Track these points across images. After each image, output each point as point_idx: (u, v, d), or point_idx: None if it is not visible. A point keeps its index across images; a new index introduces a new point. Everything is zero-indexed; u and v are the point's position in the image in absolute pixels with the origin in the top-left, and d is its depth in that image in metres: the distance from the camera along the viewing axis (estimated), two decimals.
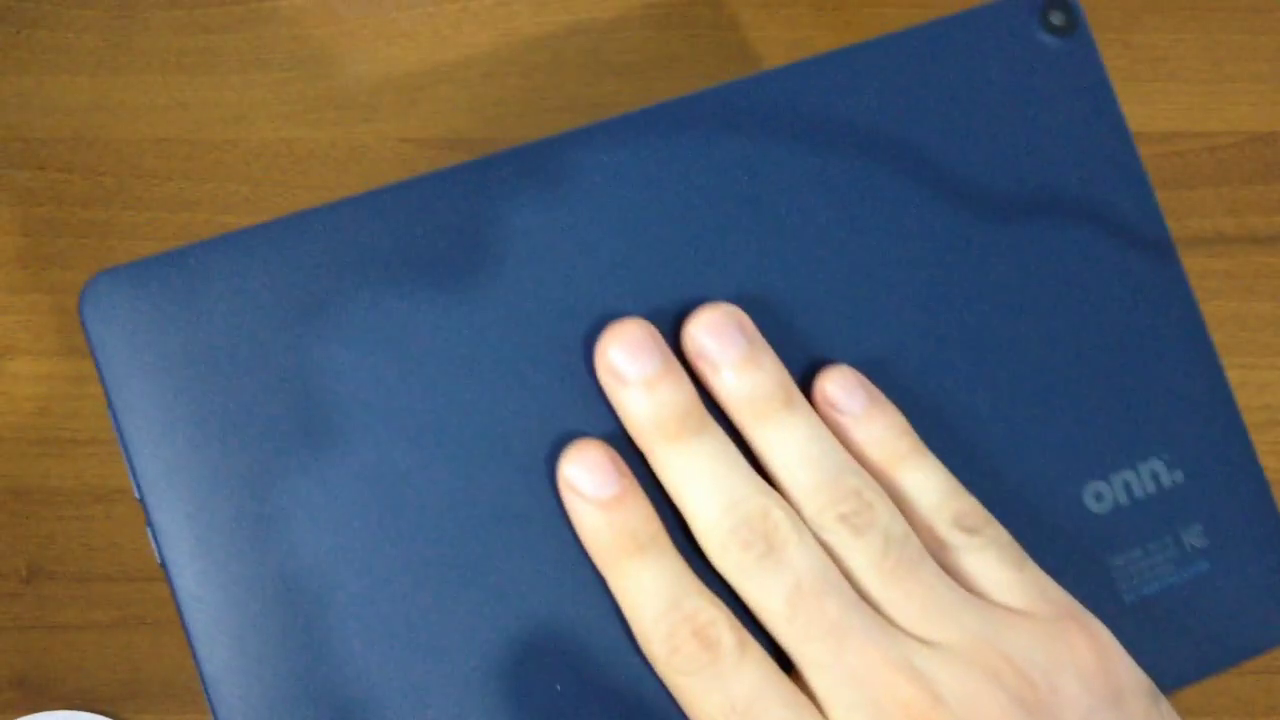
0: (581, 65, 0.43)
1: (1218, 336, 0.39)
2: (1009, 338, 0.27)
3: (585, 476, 0.25)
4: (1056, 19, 0.28)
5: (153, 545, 0.24)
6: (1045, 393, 0.27)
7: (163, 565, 0.23)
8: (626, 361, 0.25)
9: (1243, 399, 0.39)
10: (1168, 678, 0.27)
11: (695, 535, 0.25)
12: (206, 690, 0.23)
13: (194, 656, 0.23)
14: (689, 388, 0.25)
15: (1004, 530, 0.26)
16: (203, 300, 0.24)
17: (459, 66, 0.43)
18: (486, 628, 0.25)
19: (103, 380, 0.23)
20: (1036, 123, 0.28)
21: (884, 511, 0.25)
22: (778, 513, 0.24)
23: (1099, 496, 0.27)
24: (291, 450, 0.24)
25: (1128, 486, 0.28)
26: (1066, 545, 0.27)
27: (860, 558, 0.25)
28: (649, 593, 0.24)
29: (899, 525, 0.25)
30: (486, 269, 0.26)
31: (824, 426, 0.26)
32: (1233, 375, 0.39)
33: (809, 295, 0.27)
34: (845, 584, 0.24)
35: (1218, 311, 0.40)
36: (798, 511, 0.25)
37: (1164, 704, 0.25)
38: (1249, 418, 0.39)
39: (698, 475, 0.25)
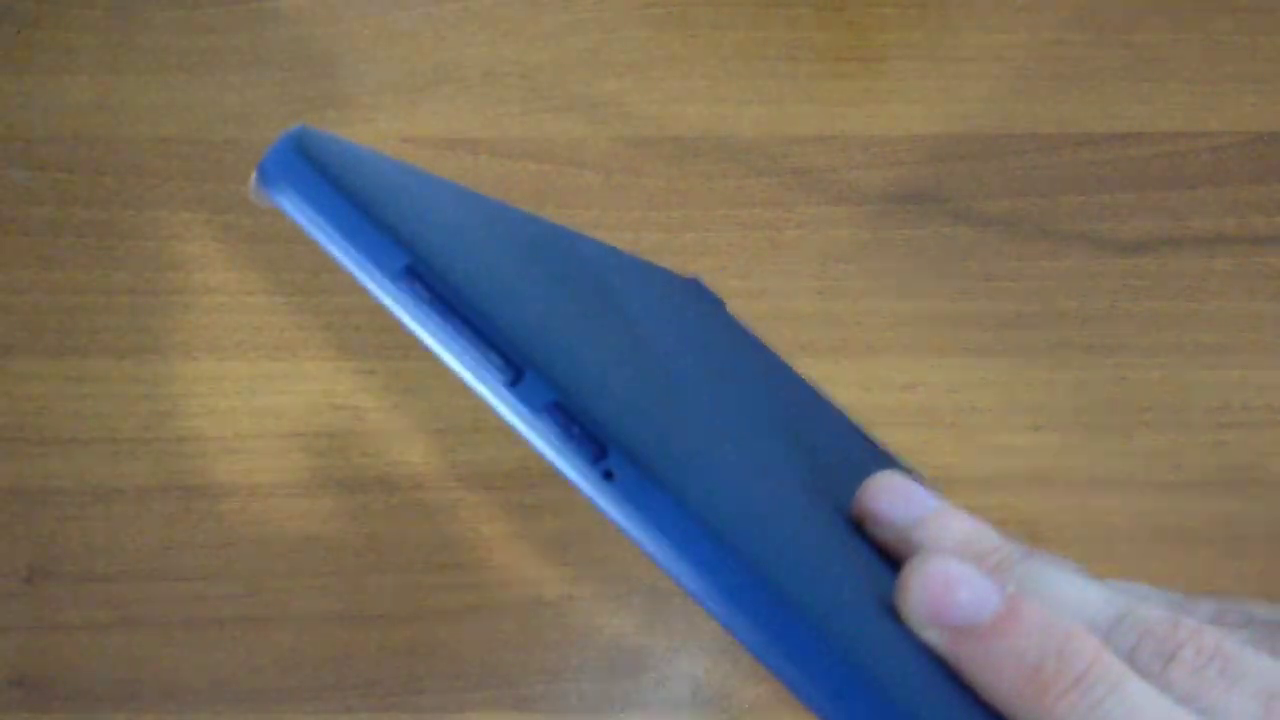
0: (581, 65, 0.43)
1: (1218, 336, 0.39)
2: None
3: (946, 599, 0.17)
4: None
5: None
6: None
7: None
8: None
9: (1242, 399, 0.39)
10: None
11: None
12: None
13: None
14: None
15: None
16: None
17: (459, 66, 0.43)
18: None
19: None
20: None
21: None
22: None
23: None
24: None
25: None
26: None
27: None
28: None
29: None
30: None
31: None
32: (1232, 375, 0.39)
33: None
34: None
35: (1218, 312, 0.40)
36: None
37: None
38: (1249, 417, 0.38)
39: None
